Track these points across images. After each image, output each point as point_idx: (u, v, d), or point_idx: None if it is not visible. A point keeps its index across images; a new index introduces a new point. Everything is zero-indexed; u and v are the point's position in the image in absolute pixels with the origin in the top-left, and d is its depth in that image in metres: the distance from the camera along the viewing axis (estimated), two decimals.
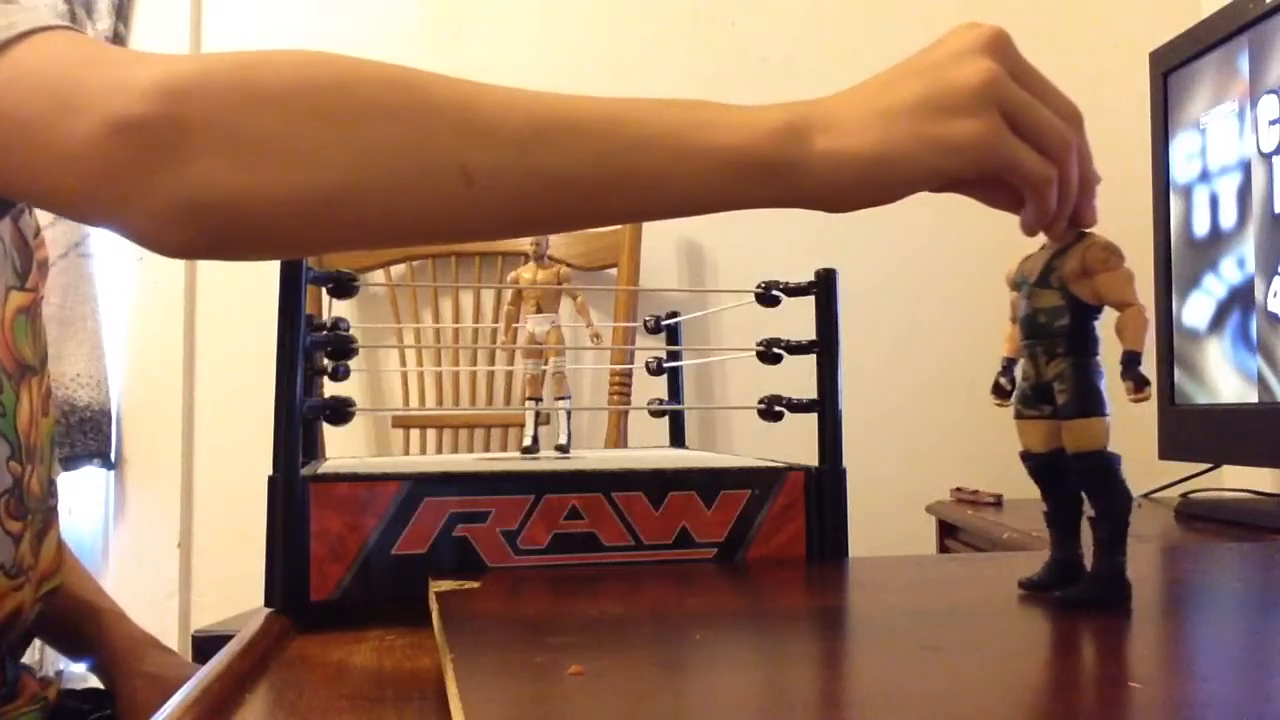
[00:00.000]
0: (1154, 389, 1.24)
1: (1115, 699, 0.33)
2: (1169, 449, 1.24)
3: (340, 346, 0.62)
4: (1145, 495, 1.39)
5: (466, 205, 0.47)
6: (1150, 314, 0.46)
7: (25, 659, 0.82)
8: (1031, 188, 0.48)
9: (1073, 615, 0.47)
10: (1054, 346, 0.49)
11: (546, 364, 0.79)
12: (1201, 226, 1.18)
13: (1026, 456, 0.51)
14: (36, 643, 0.99)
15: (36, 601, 0.76)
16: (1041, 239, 0.51)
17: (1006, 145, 0.47)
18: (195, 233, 0.46)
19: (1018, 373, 0.52)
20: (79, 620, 0.87)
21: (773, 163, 0.47)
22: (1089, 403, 0.48)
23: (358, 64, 0.48)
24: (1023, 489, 1.66)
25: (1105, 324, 0.49)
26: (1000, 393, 0.53)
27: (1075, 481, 0.49)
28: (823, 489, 0.64)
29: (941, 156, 0.47)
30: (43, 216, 1.58)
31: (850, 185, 0.48)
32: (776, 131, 0.47)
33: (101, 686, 0.88)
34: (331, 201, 0.46)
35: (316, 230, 0.48)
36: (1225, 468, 1.36)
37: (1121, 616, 0.46)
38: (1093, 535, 0.48)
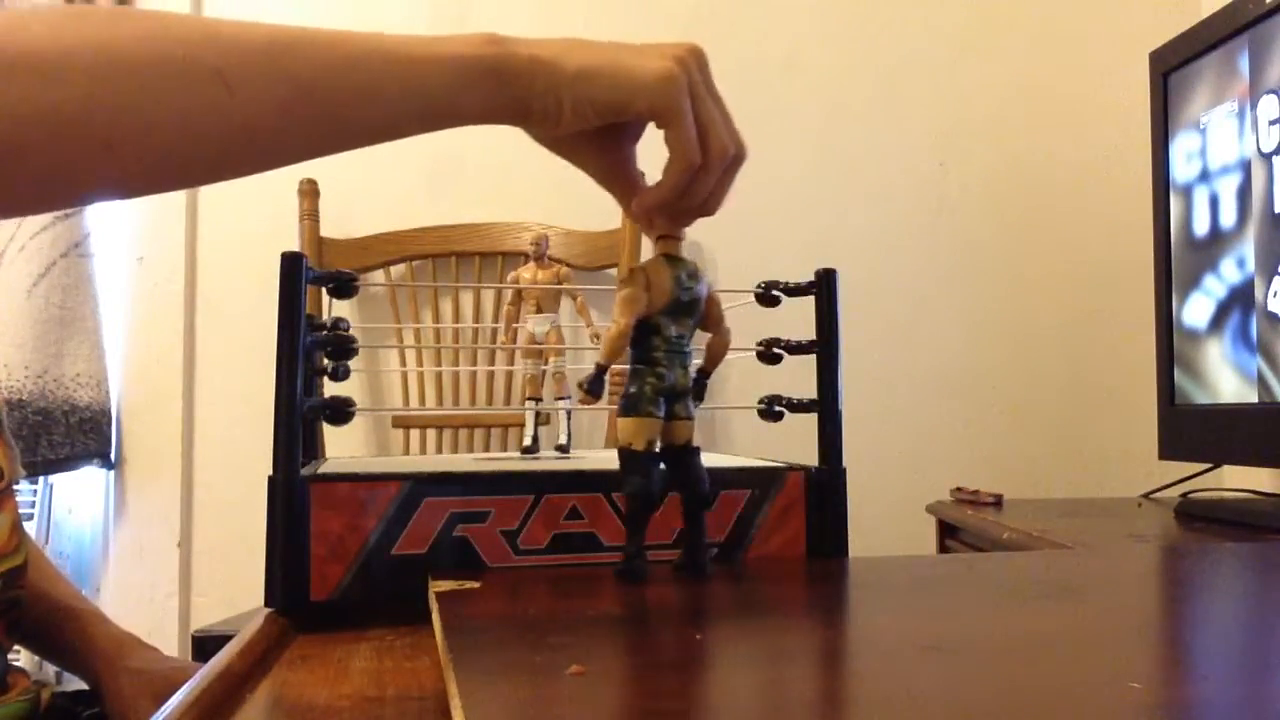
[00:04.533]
0: (1155, 388, 1.24)
1: (1115, 699, 0.33)
2: (1169, 449, 1.24)
3: (340, 346, 0.62)
4: (1145, 495, 1.39)
5: (230, 113, 0.48)
6: (1150, 314, 0.46)
7: (26, 665, 0.82)
8: (679, 154, 0.52)
9: (1077, 616, 0.47)
10: None
11: (546, 364, 0.79)
12: (1201, 226, 1.18)
13: None
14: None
15: None
16: None
17: (682, 96, 0.52)
18: None
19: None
20: (61, 624, 0.88)
21: (491, 64, 0.52)
22: (623, 404, 0.54)
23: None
24: (1023, 489, 1.66)
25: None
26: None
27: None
28: (823, 489, 0.64)
29: (631, 84, 0.52)
30: (42, 216, 1.59)
31: (554, 94, 0.52)
32: (485, 40, 0.53)
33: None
34: (80, 112, 0.45)
35: (65, 149, 0.46)
36: (1225, 468, 1.36)
37: (1095, 614, 0.46)
38: None
